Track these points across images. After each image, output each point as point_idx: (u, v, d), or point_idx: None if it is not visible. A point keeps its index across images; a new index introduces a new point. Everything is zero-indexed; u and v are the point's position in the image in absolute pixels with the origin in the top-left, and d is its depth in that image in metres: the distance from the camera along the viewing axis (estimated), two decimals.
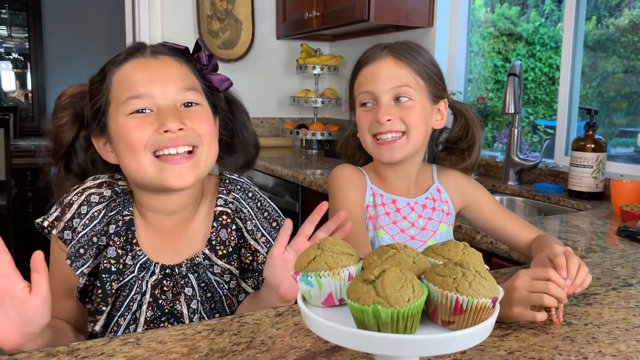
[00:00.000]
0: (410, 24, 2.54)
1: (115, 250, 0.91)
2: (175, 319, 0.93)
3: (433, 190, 1.16)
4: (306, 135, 3.05)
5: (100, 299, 0.89)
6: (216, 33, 3.14)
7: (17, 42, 6.05)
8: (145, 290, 0.92)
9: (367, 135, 1.09)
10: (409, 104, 1.07)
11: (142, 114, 0.87)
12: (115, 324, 0.91)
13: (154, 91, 0.87)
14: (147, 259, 0.93)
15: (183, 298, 0.92)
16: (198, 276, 0.94)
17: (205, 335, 0.76)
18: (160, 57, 0.91)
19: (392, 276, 0.50)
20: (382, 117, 1.05)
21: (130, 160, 0.87)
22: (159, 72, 0.89)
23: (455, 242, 0.60)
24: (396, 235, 1.10)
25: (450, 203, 1.15)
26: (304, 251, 0.60)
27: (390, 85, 1.06)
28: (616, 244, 1.29)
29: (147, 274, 0.92)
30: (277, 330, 0.78)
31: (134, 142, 0.86)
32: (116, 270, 0.90)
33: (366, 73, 1.08)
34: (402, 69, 1.07)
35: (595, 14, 2.32)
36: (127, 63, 0.91)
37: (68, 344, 0.73)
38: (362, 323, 0.51)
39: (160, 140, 0.86)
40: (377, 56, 1.09)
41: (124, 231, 0.92)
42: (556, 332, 0.78)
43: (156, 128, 0.86)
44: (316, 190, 2.13)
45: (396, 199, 1.13)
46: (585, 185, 1.81)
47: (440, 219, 1.13)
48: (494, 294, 0.52)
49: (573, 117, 2.18)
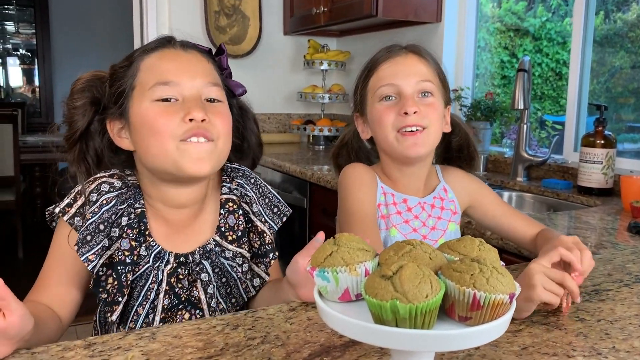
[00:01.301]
0: (418, 20, 2.53)
1: (129, 242, 0.92)
2: (193, 306, 0.95)
3: (440, 189, 1.16)
4: (313, 131, 3.05)
5: (116, 289, 0.91)
6: (223, 29, 3.14)
7: (24, 38, 6.08)
8: (162, 279, 0.93)
9: (390, 131, 1.06)
10: (430, 100, 1.07)
11: (168, 102, 0.89)
12: (134, 314, 0.93)
13: (182, 81, 0.90)
14: (161, 249, 0.94)
15: (200, 284, 0.95)
16: (212, 262, 0.97)
17: (220, 330, 0.76)
18: (189, 51, 0.95)
19: (410, 272, 0.50)
20: (411, 108, 1.03)
21: (154, 145, 0.89)
22: (188, 64, 0.92)
23: (471, 238, 0.61)
24: (408, 234, 1.10)
25: (456, 202, 1.16)
26: (320, 247, 0.60)
27: (415, 79, 1.06)
28: (627, 240, 1.29)
29: (162, 263, 0.94)
30: (291, 325, 0.78)
31: (159, 129, 0.88)
32: (131, 261, 0.92)
33: (388, 67, 1.08)
34: (425, 65, 1.08)
35: (603, 9, 2.31)
36: (156, 52, 0.93)
37: (85, 339, 0.74)
38: (379, 318, 0.51)
39: (185, 129, 0.88)
40: (398, 53, 1.09)
41: (136, 223, 0.94)
42: (569, 328, 0.78)
43: (182, 117, 0.88)
44: (324, 186, 2.14)
45: (407, 198, 1.12)
46: (594, 181, 1.80)
47: (449, 218, 1.14)
48: (511, 290, 0.52)
49: (582, 113, 2.17)
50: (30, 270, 4.07)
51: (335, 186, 2.05)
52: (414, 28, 2.68)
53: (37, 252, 4.57)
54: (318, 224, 2.25)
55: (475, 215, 1.20)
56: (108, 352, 0.70)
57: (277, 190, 2.47)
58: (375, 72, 1.09)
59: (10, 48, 6.10)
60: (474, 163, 1.21)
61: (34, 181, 4.61)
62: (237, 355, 0.69)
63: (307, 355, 0.69)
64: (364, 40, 3.16)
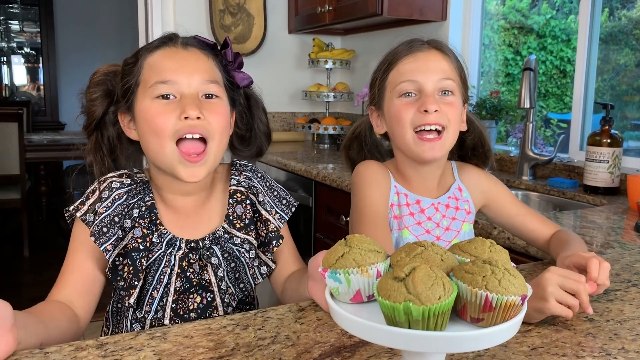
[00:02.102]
0: (423, 18, 2.53)
1: (141, 231, 0.98)
2: (204, 289, 0.99)
3: (455, 189, 1.14)
4: (318, 130, 3.05)
5: (132, 274, 0.96)
6: (228, 27, 3.14)
7: (29, 36, 6.09)
8: (174, 264, 0.98)
9: (407, 129, 1.03)
10: (451, 99, 1.04)
11: (166, 100, 0.94)
12: (149, 297, 0.97)
13: (180, 79, 0.94)
14: (172, 236, 0.99)
15: (210, 268, 1.00)
16: (221, 247, 1.02)
17: (231, 330, 0.77)
18: (190, 49, 0.98)
19: (422, 274, 0.50)
20: (431, 106, 1.00)
21: (153, 142, 0.95)
22: (186, 62, 0.96)
23: (482, 240, 0.61)
24: (421, 235, 1.08)
25: (471, 202, 1.14)
26: (331, 248, 0.61)
27: (438, 76, 1.03)
28: (634, 240, 1.29)
29: (174, 249, 0.99)
30: (301, 325, 0.79)
31: (158, 127, 0.93)
32: (144, 248, 0.97)
33: (410, 62, 1.05)
34: (447, 62, 1.05)
35: (608, 6, 2.31)
36: (159, 50, 0.98)
37: (96, 338, 0.74)
38: (392, 320, 0.51)
39: (181, 127, 0.93)
40: (421, 48, 1.06)
41: (147, 214, 0.99)
42: (578, 328, 0.78)
43: (178, 115, 0.92)
44: (329, 184, 2.14)
45: (420, 199, 1.10)
46: (601, 180, 1.80)
47: (463, 218, 1.12)
48: (523, 292, 0.53)
49: (588, 111, 2.17)
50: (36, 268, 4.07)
51: (340, 185, 2.06)
52: (419, 26, 2.68)
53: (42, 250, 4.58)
54: (323, 223, 2.25)
55: (490, 214, 1.18)
56: (120, 352, 0.70)
57: None
58: (396, 67, 1.06)
59: (15, 47, 6.12)
60: (488, 162, 1.19)
61: (39, 179, 4.63)
62: (248, 355, 0.70)
63: (317, 355, 0.70)
64: (368, 38, 3.16)
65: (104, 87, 1.02)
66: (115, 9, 6.01)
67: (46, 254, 4.10)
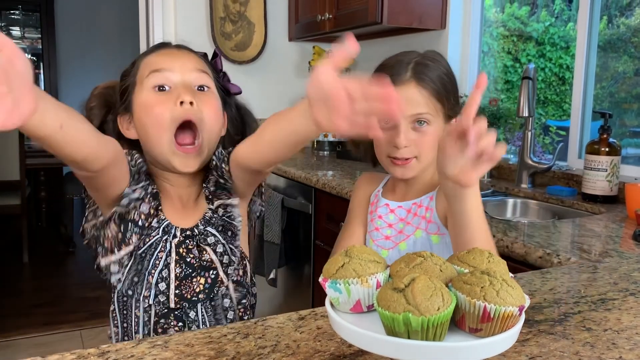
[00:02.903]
0: (423, 27, 2.55)
1: (148, 209, 1.03)
2: (206, 270, 1.04)
3: (427, 197, 1.14)
4: (318, 137, 3.06)
5: (115, 241, 1.01)
6: (229, 35, 3.16)
7: (30, 42, 6.11)
8: (170, 250, 1.03)
9: (383, 154, 1.12)
10: (425, 129, 1.07)
11: (161, 91, 1.00)
12: (146, 282, 1.01)
13: (174, 68, 1.01)
14: (169, 223, 1.04)
15: (209, 248, 1.05)
16: (214, 225, 1.07)
17: (231, 339, 0.78)
18: (182, 49, 1.07)
19: (422, 285, 0.51)
20: (401, 143, 1.07)
21: (152, 133, 1.00)
22: (179, 56, 1.04)
23: (480, 250, 0.62)
24: (371, 232, 1.18)
25: (434, 211, 1.12)
26: (332, 258, 0.62)
27: (412, 112, 1.06)
28: (632, 249, 1.29)
29: (169, 236, 1.03)
30: (301, 334, 0.79)
31: (156, 116, 0.98)
32: (142, 225, 1.02)
33: None
34: (424, 96, 1.06)
35: (606, 14, 2.32)
36: (154, 52, 1.06)
37: (98, 347, 0.75)
38: (392, 330, 0.52)
39: (178, 114, 0.98)
40: (401, 79, 1.07)
41: (155, 197, 1.05)
42: (576, 337, 0.79)
43: (174, 101, 0.98)
44: (329, 192, 2.15)
45: (388, 202, 1.18)
46: (599, 189, 1.81)
47: (417, 224, 1.12)
48: (520, 303, 0.53)
49: (587, 119, 2.18)
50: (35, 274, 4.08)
51: (340, 192, 2.07)
52: (418, 35, 2.70)
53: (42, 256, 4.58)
54: (323, 230, 2.26)
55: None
56: None
57: (282, 196, 2.49)
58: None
59: None
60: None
61: (39, 185, 4.63)
62: None
63: None
64: (368, 46, 3.17)
65: (101, 98, 1.09)
66: (116, 17, 6.03)
67: (46, 260, 4.10)
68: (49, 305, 3.35)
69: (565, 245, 1.32)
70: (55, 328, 3.04)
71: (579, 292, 0.96)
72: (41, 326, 3.05)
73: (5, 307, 3.28)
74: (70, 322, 3.10)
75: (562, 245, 1.31)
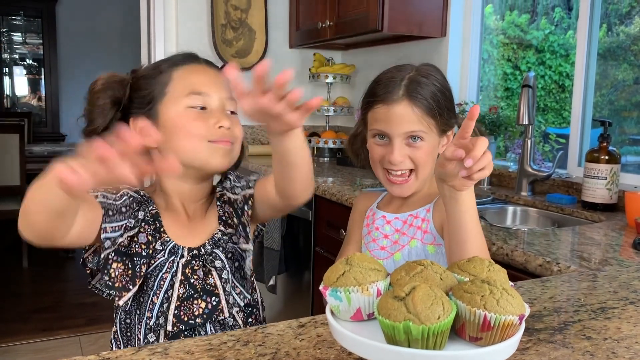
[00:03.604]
0: (423, 34, 2.56)
1: (146, 237, 1.02)
2: (208, 294, 1.03)
3: (424, 209, 1.15)
4: (318, 143, 3.07)
5: (129, 278, 0.99)
6: (230, 42, 3.17)
7: (31, 48, 6.13)
8: (177, 270, 1.02)
9: (378, 168, 1.15)
10: (419, 144, 1.10)
11: (198, 109, 1.04)
12: (150, 303, 1.00)
13: (211, 93, 1.05)
14: (175, 244, 1.04)
15: (215, 272, 1.04)
16: (223, 249, 1.06)
17: (231, 346, 0.78)
18: (213, 69, 1.10)
19: (422, 293, 0.51)
20: (396, 159, 1.10)
21: (186, 143, 1.02)
22: (214, 79, 1.07)
23: (480, 259, 0.62)
24: (368, 243, 1.19)
25: (431, 222, 1.13)
26: (332, 266, 0.62)
27: (405, 129, 1.09)
28: (632, 257, 1.29)
29: (176, 257, 1.03)
30: (301, 342, 0.79)
31: (194, 131, 1.02)
32: (146, 254, 1.01)
33: (381, 112, 1.10)
34: (417, 113, 1.08)
35: (606, 22, 2.33)
36: (185, 66, 1.07)
37: (98, 353, 0.75)
38: (392, 339, 0.52)
39: (215, 133, 1.03)
40: (393, 97, 1.09)
41: (152, 221, 1.03)
42: (576, 346, 0.79)
43: (212, 123, 1.03)
44: (329, 198, 2.15)
45: (376, 211, 1.20)
46: (599, 197, 1.81)
47: (413, 235, 1.13)
48: (520, 311, 0.54)
49: (586, 127, 2.19)
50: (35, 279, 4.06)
51: (340, 199, 2.07)
52: (418, 42, 2.71)
53: (41, 261, 4.57)
54: (323, 237, 2.26)
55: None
56: None
57: None
58: (372, 110, 1.13)
59: (17, 58, 6.16)
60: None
61: None
62: None
63: None
64: (369, 53, 3.19)
65: (110, 93, 1.06)
66: (117, 22, 6.06)
67: (45, 266, 4.10)
68: (48, 310, 3.35)
69: (565, 253, 1.32)
70: (54, 334, 3.03)
71: (579, 301, 0.96)
72: (40, 332, 3.04)
73: (5, 313, 3.27)
74: (69, 328, 3.10)
75: (562, 253, 1.31)
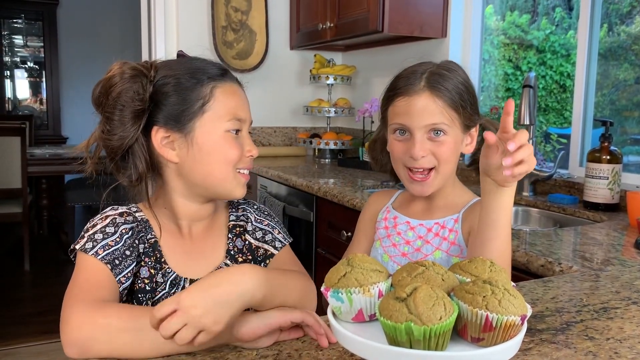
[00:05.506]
0: (423, 35, 2.56)
1: (148, 271, 0.97)
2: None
3: (450, 219, 1.12)
4: (319, 145, 3.07)
5: None
6: (231, 44, 3.17)
7: (32, 51, 6.14)
8: None
9: (400, 165, 1.11)
10: (442, 139, 1.06)
11: (236, 135, 1.00)
12: None
13: (245, 119, 1.02)
14: (176, 276, 0.99)
15: None
16: None
17: (233, 348, 0.78)
18: (242, 87, 1.06)
19: (424, 294, 0.51)
20: (417, 154, 1.06)
21: (220, 170, 0.98)
22: (246, 102, 1.05)
23: (482, 260, 0.62)
24: (388, 247, 1.16)
25: (459, 233, 1.11)
26: (334, 267, 0.62)
27: (427, 122, 1.05)
28: (634, 257, 1.29)
29: (177, 289, 0.98)
30: (303, 344, 0.79)
31: (230, 158, 0.98)
32: (150, 289, 0.97)
33: (402, 105, 1.07)
34: (439, 105, 1.05)
35: (607, 22, 2.33)
36: (225, 83, 1.01)
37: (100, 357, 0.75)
38: (394, 340, 0.52)
39: (245, 160, 1.02)
40: (415, 89, 1.06)
41: (152, 252, 0.98)
42: (579, 347, 0.79)
43: (245, 150, 1.01)
44: (331, 200, 2.15)
45: (397, 215, 1.18)
46: (600, 197, 1.81)
47: (438, 245, 1.11)
48: (522, 312, 0.53)
49: (587, 127, 2.18)
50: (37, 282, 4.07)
51: (341, 200, 2.07)
52: (419, 43, 2.71)
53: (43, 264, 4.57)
54: (324, 238, 2.26)
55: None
56: None
57: (284, 203, 2.49)
58: (392, 104, 1.10)
59: (18, 61, 6.16)
60: None
61: (40, 193, 4.63)
62: None
63: None
64: (369, 55, 3.18)
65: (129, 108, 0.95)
66: (118, 25, 6.07)
67: (47, 268, 4.10)
68: (49, 313, 3.34)
69: (567, 253, 1.32)
70: (55, 337, 3.03)
71: (581, 301, 0.96)
72: (41, 334, 3.04)
73: (6, 315, 3.27)
74: None
75: (564, 253, 1.31)
